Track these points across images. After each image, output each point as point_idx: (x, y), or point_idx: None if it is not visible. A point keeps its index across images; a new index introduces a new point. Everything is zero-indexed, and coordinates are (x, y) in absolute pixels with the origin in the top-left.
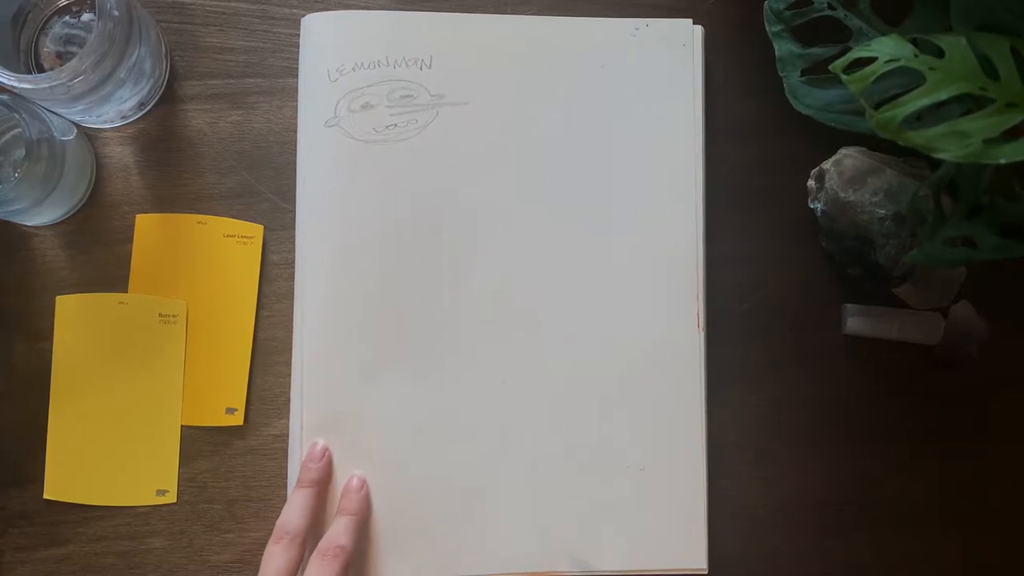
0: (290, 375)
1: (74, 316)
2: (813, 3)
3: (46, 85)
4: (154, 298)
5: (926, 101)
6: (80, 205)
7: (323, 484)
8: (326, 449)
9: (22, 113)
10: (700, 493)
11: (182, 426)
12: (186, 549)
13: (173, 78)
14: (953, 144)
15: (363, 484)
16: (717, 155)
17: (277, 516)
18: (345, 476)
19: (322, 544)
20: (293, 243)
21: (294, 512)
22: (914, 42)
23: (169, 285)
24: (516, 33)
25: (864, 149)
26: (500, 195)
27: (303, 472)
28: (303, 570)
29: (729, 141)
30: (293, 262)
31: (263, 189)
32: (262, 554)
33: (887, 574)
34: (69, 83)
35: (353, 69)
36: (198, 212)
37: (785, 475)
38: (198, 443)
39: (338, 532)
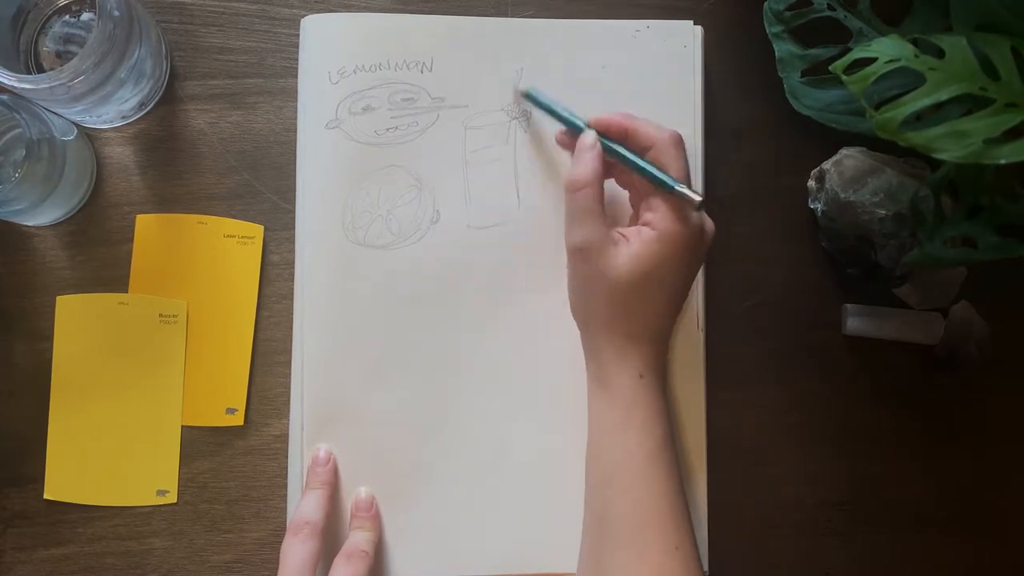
0: (290, 375)
1: (74, 316)
2: (813, 4)
3: (46, 85)
4: (154, 298)
5: (926, 101)
6: (80, 205)
7: (332, 486)
8: (330, 453)
9: (22, 113)
10: (700, 494)
11: (182, 426)
12: (186, 549)
13: (173, 78)
14: (953, 144)
15: (372, 501)
16: (717, 155)
17: (277, 516)
18: (347, 475)
19: (346, 548)
20: (293, 243)
21: (310, 506)
22: (914, 42)
23: (169, 285)
24: (516, 35)
25: (864, 149)
26: (501, 194)
27: (311, 476)
28: (324, 569)
29: (729, 141)
30: (293, 262)
31: (263, 189)
32: (262, 554)
33: (887, 574)
34: (69, 83)
35: (354, 71)
36: (198, 212)
37: (785, 475)
38: (198, 443)
39: (360, 540)
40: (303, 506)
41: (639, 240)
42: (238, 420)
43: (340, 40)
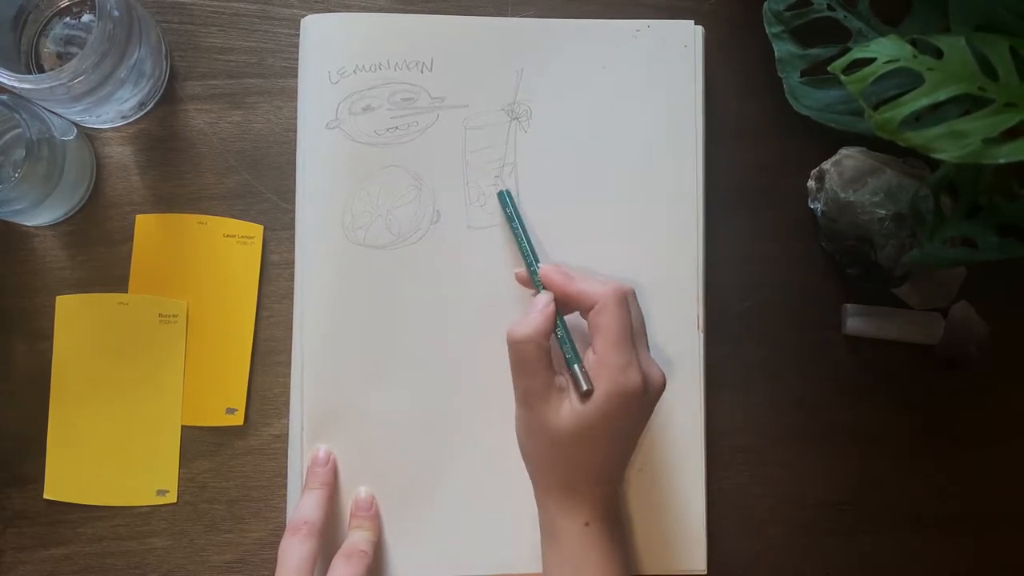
0: (290, 375)
1: (74, 316)
2: (812, 4)
3: (46, 85)
4: (154, 298)
5: (925, 101)
6: (80, 205)
7: (332, 486)
8: (330, 453)
9: (22, 113)
10: (699, 494)
11: (182, 426)
12: (186, 549)
13: (173, 78)
14: (952, 144)
15: (372, 501)
16: (717, 155)
17: (277, 516)
18: (347, 475)
19: (346, 547)
20: (293, 243)
21: (309, 506)
22: (913, 43)
23: (169, 285)
24: (517, 35)
25: (864, 149)
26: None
27: (311, 476)
28: (322, 568)
29: (730, 141)
30: (293, 262)
31: (263, 189)
32: (262, 554)
33: (887, 574)
34: (69, 83)
35: (354, 71)
36: (198, 212)
37: (784, 475)
38: (198, 443)
39: (359, 540)
40: (302, 506)
41: (583, 395)
42: (238, 420)
43: (340, 40)
